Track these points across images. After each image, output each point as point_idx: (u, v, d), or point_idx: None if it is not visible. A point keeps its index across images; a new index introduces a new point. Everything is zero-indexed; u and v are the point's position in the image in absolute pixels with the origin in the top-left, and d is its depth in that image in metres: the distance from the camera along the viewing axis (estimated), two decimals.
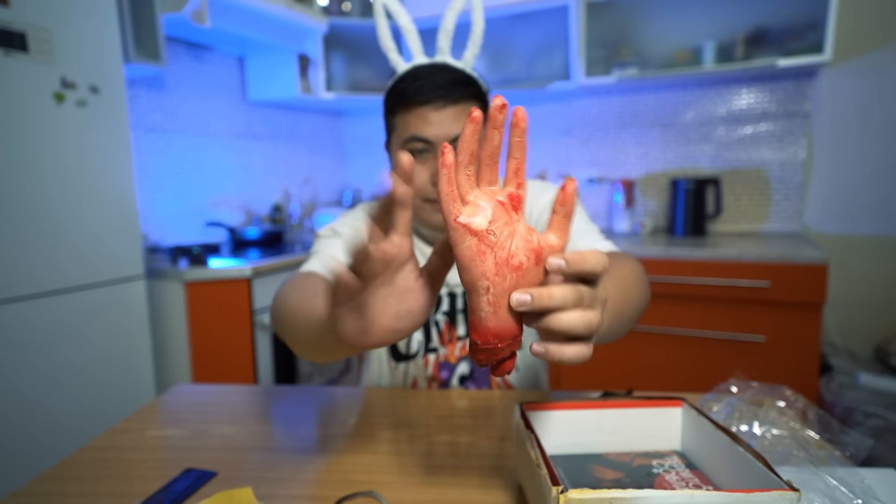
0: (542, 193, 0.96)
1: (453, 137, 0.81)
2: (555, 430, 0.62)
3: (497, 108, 0.42)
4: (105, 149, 1.49)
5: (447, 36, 0.88)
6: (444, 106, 0.81)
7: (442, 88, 0.80)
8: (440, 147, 0.76)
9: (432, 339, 0.95)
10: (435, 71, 0.82)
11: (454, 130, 0.81)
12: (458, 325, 0.95)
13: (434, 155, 0.82)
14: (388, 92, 0.86)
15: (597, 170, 2.56)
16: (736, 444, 0.51)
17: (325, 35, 2.42)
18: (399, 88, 0.83)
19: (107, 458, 0.71)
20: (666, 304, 1.89)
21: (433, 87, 0.80)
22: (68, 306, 1.41)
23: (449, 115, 0.81)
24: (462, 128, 0.74)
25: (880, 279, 2.09)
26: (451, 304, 0.95)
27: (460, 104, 0.82)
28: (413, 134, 0.81)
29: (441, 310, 0.95)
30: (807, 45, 1.90)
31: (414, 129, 0.81)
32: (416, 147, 0.82)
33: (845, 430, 0.62)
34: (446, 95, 0.80)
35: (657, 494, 0.43)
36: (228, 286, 1.76)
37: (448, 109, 0.81)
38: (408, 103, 0.82)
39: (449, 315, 0.95)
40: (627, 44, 2.18)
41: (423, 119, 0.81)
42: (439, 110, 0.81)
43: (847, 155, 2.12)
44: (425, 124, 0.81)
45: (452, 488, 0.62)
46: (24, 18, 1.29)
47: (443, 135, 0.81)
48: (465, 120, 0.77)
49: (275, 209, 2.60)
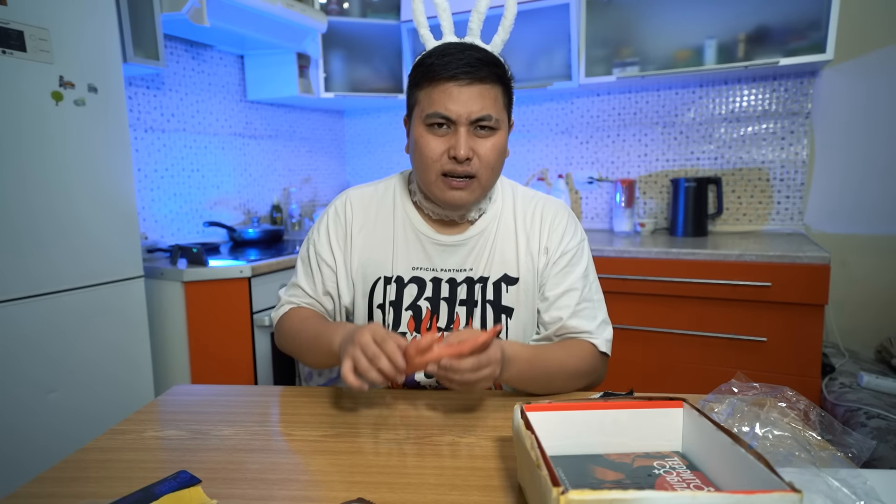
0: (532, 201, 0.98)
1: (475, 118, 0.83)
2: (555, 431, 0.61)
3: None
4: (104, 148, 1.48)
5: (479, 18, 0.89)
6: (469, 83, 0.82)
7: (469, 66, 0.82)
8: (459, 124, 0.83)
9: (401, 324, 0.94)
10: (464, 49, 0.84)
11: (475, 109, 0.83)
12: (440, 314, 0.94)
13: (453, 130, 0.84)
14: (415, 66, 0.88)
15: (597, 169, 2.55)
16: (737, 445, 0.51)
17: (324, 34, 2.41)
18: (427, 63, 0.85)
19: (106, 458, 0.71)
20: (667, 304, 1.88)
21: (460, 64, 0.81)
22: (66, 306, 1.41)
23: (473, 93, 0.82)
24: (482, 106, 0.83)
25: (882, 279, 2.08)
26: (435, 289, 0.94)
27: (486, 84, 0.83)
28: (436, 111, 0.83)
29: (424, 295, 0.94)
30: (808, 44, 1.90)
31: (437, 105, 0.83)
32: (437, 121, 0.84)
33: (848, 432, 0.61)
34: (473, 73, 0.82)
35: (658, 496, 0.43)
36: (228, 286, 1.76)
37: (473, 87, 0.82)
38: (434, 78, 0.83)
39: (431, 301, 0.94)
40: (628, 43, 2.18)
41: (447, 94, 0.82)
42: (464, 87, 0.82)
43: (849, 154, 2.11)
44: (449, 100, 0.82)
45: (452, 489, 0.61)
46: (22, 17, 1.29)
47: (465, 112, 0.82)
48: (487, 100, 0.84)
49: (274, 209, 2.60)
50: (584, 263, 0.96)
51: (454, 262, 0.94)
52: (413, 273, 0.94)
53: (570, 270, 0.94)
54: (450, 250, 0.94)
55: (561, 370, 0.86)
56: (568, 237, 0.95)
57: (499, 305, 0.93)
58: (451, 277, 0.94)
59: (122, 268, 1.54)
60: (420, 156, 0.87)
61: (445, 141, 0.85)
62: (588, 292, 0.95)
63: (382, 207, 0.98)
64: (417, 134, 0.87)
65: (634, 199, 2.40)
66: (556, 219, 0.96)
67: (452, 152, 0.84)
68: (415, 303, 0.94)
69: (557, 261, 0.94)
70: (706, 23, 2.05)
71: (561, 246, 0.94)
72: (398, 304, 0.94)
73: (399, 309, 0.94)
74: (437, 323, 0.94)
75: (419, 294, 0.94)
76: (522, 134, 2.69)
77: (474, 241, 0.94)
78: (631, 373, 1.95)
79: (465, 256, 0.94)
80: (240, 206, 2.48)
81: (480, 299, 0.93)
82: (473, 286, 0.93)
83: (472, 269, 0.94)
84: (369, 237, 0.97)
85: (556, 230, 0.95)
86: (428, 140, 0.86)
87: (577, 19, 2.17)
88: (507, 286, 0.94)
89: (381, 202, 0.98)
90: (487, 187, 0.90)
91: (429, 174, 0.87)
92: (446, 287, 0.94)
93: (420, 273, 0.94)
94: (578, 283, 0.93)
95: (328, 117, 3.03)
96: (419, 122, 0.87)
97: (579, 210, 2.61)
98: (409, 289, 0.94)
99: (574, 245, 0.96)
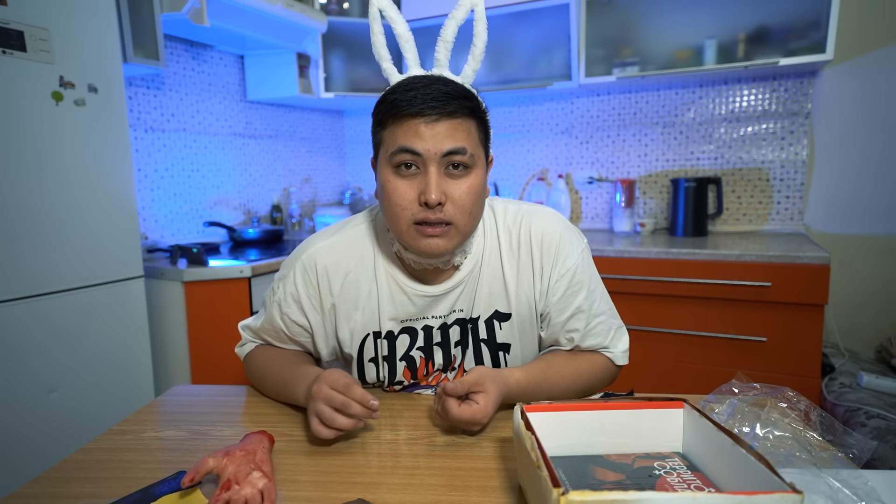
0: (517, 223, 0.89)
1: (445, 152, 0.74)
2: (556, 431, 0.61)
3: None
4: (104, 148, 1.48)
5: (446, 48, 0.81)
6: (437, 119, 0.74)
7: (436, 101, 0.74)
8: (429, 161, 0.74)
9: (397, 375, 0.89)
10: (430, 83, 0.76)
11: (446, 146, 0.74)
12: (434, 357, 0.89)
13: (423, 172, 0.75)
14: (378, 103, 0.79)
15: (597, 169, 2.55)
16: (738, 445, 0.51)
17: (324, 34, 2.41)
18: (390, 99, 0.76)
19: (105, 459, 0.71)
20: (667, 304, 1.88)
21: (426, 99, 0.74)
22: (67, 307, 1.40)
23: (442, 129, 0.74)
24: (454, 140, 0.75)
25: (883, 279, 2.08)
26: (427, 337, 0.89)
27: (455, 118, 0.75)
28: (402, 145, 0.75)
29: (416, 344, 0.89)
30: (808, 44, 1.90)
31: (403, 140, 0.75)
32: (405, 160, 0.75)
33: (848, 432, 0.61)
34: (440, 108, 0.74)
35: (659, 496, 0.43)
36: (228, 286, 1.76)
37: (442, 123, 0.74)
38: (399, 114, 0.75)
39: (424, 350, 0.89)
40: (628, 43, 2.18)
41: (414, 132, 0.74)
42: (432, 123, 0.74)
43: (849, 154, 2.11)
44: (416, 137, 0.74)
45: (452, 490, 0.61)
46: (22, 17, 1.29)
47: (434, 149, 0.74)
48: (459, 135, 0.75)
49: (274, 209, 2.59)
50: (587, 279, 0.89)
51: (443, 309, 0.88)
52: (402, 325, 0.88)
53: (573, 292, 0.87)
54: (438, 299, 0.87)
55: (568, 389, 0.85)
56: (565, 254, 0.87)
57: (494, 343, 0.89)
58: (441, 323, 0.88)
59: (122, 268, 1.54)
60: (388, 203, 0.78)
61: (415, 185, 0.76)
62: (597, 307, 0.89)
63: (362, 261, 0.88)
64: (384, 178, 0.78)
65: (634, 199, 2.40)
66: (545, 235, 0.87)
67: (423, 198, 0.74)
68: (408, 353, 0.89)
69: (557, 283, 0.87)
70: (706, 23, 2.05)
71: (558, 265, 0.87)
72: (391, 357, 0.89)
73: (393, 362, 0.89)
74: (433, 369, 0.90)
75: (411, 344, 0.89)
76: (522, 134, 2.69)
77: (462, 286, 0.87)
78: (631, 373, 1.95)
79: (453, 301, 0.88)
80: (240, 206, 2.48)
81: (472, 339, 0.89)
82: (466, 326, 0.89)
83: (462, 311, 0.89)
84: (352, 296, 0.88)
85: (549, 249, 0.87)
86: (396, 185, 0.77)
87: (576, 19, 2.17)
88: (500, 323, 0.88)
89: (360, 255, 0.88)
90: (467, 233, 0.80)
91: (399, 223, 0.78)
92: (438, 333, 0.89)
93: (410, 324, 0.88)
94: (584, 303, 0.87)
95: (328, 117, 3.02)
96: (385, 164, 0.78)
97: (579, 210, 2.61)
98: (400, 340, 0.88)
99: (573, 263, 0.87)
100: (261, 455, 0.64)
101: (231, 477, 0.60)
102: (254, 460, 0.63)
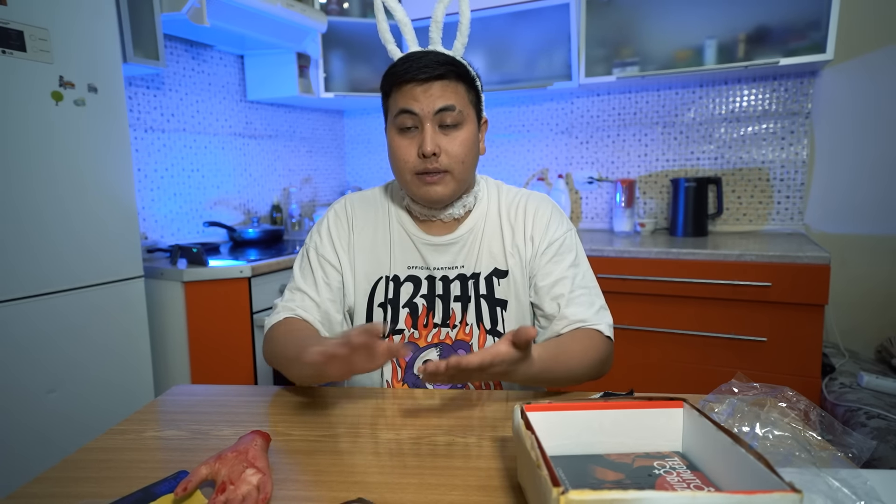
0: (516, 197, 1.02)
1: (438, 109, 0.88)
2: (555, 431, 0.61)
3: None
4: (103, 148, 1.48)
5: (438, 27, 0.95)
6: (428, 80, 0.88)
7: (427, 67, 0.88)
8: (425, 119, 0.89)
9: (399, 321, 0.97)
10: (424, 55, 0.90)
11: (437, 104, 0.88)
12: (435, 310, 0.97)
13: (421, 130, 0.89)
14: (384, 77, 0.93)
15: (597, 169, 2.55)
16: (737, 445, 0.51)
17: (324, 34, 2.41)
18: (392, 71, 0.91)
19: (106, 458, 0.71)
20: (667, 304, 1.88)
21: (420, 67, 0.88)
22: (66, 306, 1.40)
23: (435, 90, 0.88)
24: (444, 99, 0.89)
25: (882, 279, 2.08)
26: (430, 287, 0.97)
27: (445, 80, 0.89)
28: (402, 107, 0.89)
29: (420, 292, 0.97)
30: (808, 44, 1.90)
31: (402, 103, 0.89)
32: (406, 123, 0.90)
33: (848, 432, 0.61)
34: (430, 72, 0.88)
35: (658, 496, 0.43)
36: (228, 286, 1.76)
37: (434, 85, 0.88)
38: (398, 82, 0.89)
39: (427, 298, 0.97)
40: (628, 43, 2.18)
41: (410, 95, 0.89)
42: (424, 84, 0.88)
43: (849, 154, 2.11)
44: (412, 99, 0.88)
45: (452, 489, 0.61)
46: (22, 17, 1.29)
47: (427, 108, 0.88)
48: (449, 95, 0.89)
49: (274, 209, 2.59)
50: (572, 252, 0.98)
51: (446, 261, 0.98)
52: (408, 272, 0.98)
53: (558, 260, 0.96)
54: (441, 249, 0.98)
55: (580, 364, 0.87)
56: (553, 227, 0.98)
57: (493, 299, 0.97)
58: (444, 275, 0.97)
59: (122, 268, 1.54)
60: (394, 159, 0.93)
61: (415, 142, 0.90)
62: (581, 280, 0.96)
63: (379, 211, 1.03)
64: (390, 139, 0.93)
65: (634, 199, 2.40)
66: (538, 210, 0.99)
67: (421, 150, 0.89)
68: (411, 300, 0.97)
69: (545, 251, 0.96)
70: (706, 23, 2.05)
71: (547, 236, 0.97)
72: (395, 301, 0.97)
73: (396, 307, 0.97)
74: (434, 319, 0.97)
75: (415, 291, 0.97)
76: (522, 134, 2.69)
77: (463, 240, 0.98)
78: (631, 373, 1.95)
79: (455, 255, 0.98)
80: (240, 206, 2.48)
81: (474, 294, 0.97)
82: (466, 282, 0.97)
83: (464, 266, 0.98)
84: (370, 237, 1.01)
85: (540, 220, 0.98)
86: (399, 143, 0.92)
87: (576, 19, 2.17)
88: (499, 279, 0.97)
89: (378, 206, 1.03)
90: (462, 180, 0.94)
91: (404, 175, 0.93)
92: (440, 284, 0.97)
93: (415, 272, 0.98)
94: (569, 271, 0.95)
95: (328, 117, 3.03)
96: (391, 127, 0.93)
97: (579, 210, 2.61)
98: (405, 287, 0.98)
99: (560, 234, 0.98)
100: (253, 452, 0.64)
101: (225, 479, 0.60)
102: (246, 458, 0.63)
